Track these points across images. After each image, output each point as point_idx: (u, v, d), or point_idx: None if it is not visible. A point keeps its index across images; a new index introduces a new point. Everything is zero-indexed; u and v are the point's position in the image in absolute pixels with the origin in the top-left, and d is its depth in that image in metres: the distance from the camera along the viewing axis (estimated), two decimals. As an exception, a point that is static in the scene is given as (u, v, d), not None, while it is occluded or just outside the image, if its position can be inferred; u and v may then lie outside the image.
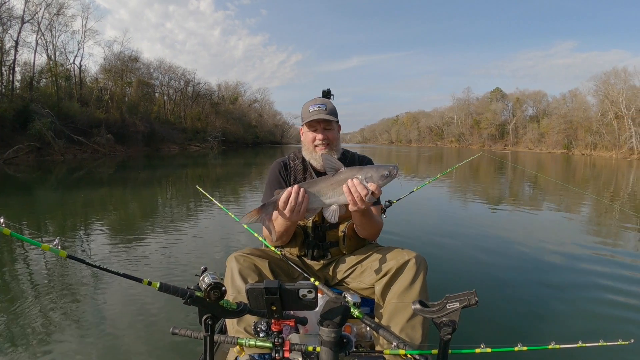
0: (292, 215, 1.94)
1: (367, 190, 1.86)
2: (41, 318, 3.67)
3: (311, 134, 2.40)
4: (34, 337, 3.30)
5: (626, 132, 57.22)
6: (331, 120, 2.38)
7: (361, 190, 1.86)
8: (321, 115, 2.34)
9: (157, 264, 5.32)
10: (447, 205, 11.70)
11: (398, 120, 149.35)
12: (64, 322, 3.59)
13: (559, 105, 78.17)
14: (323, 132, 2.38)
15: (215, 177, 19.31)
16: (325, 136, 2.37)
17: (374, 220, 2.31)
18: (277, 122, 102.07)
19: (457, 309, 1.54)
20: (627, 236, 7.86)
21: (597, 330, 3.74)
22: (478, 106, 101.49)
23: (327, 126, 2.39)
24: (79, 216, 8.93)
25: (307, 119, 2.37)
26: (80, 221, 8.33)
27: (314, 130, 2.40)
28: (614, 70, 62.24)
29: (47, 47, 40.13)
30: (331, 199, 1.96)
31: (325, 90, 2.56)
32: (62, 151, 31.13)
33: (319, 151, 2.38)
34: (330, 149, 2.39)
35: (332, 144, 2.40)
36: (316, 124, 2.38)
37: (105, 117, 40.78)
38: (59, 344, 3.22)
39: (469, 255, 6.12)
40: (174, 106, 62.34)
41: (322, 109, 2.36)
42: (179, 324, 2.10)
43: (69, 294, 4.22)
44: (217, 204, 4.23)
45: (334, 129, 2.43)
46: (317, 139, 2.38)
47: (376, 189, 1.87)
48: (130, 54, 50.64)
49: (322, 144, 2.38)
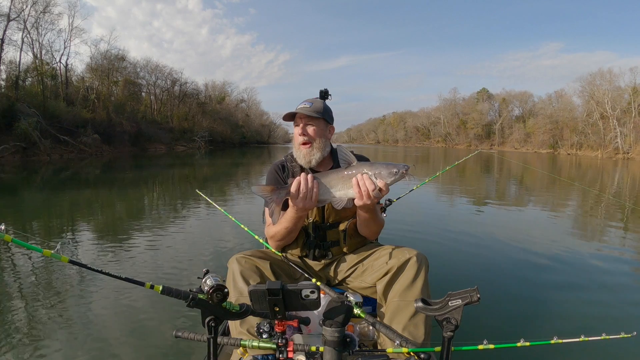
0: (305, 202, 1.97)
1: (375, 186, 1.89)
2: (41, 323, 3.64)
3: (296, 130, 2.41)
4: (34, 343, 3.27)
5: (611, 132, 57.86)
6: (312, 117, 2.36)
7: (369, 186, 1.89)
8: (299, 110, 2.35)
9: (158, 267, 5.29)
10: (447, 203, 11.80)
11: (385, 120, 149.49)
12: (66, 327, 3.57)
13: (545, 105, 78.81)
14: (303, 128, 2.37)
15: (203, 178, 19.30)
16: (303, 131, 2.36)
17: (378, 218, 2.31)
18: (264, 122, 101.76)
19: (460, 306, 1.54)
20: (627, 232, 7.97)
21: (599, 324, 3.76)
22: (464, 106, 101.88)
23: (308, 122, 2.37)
24: (71, 219, 8.84)
25: (290, 115, 2.39)
26: (74, 224, 8.24)
27: (296, 126, 2.40)
28: (599, 71, 63.01)
29: (33, 46, 39.72)
30: (340, 191, 1.97)
31: (322, 90, 2.55)
32: (48, 151, 30.85)
33: (302, 148, 2.38)
34: (310, 150, 2.37)
35: (312, 140, 2.37)
36: (298, 119, 2.38)
37: (91, 116, 40.36)
38: (60, 349, 3.19)
39: (470, 252, 6.15)
40: (160, 106, 61.90)
41: (307, 106, 2.36)
42: (182, 327, 2.09)
43: (70, 299, 4.17)
44: (218, 208, 4.23)
45: (318, 126, 2.38)
46: (297, 134, 2.39)
47: (384, 186, 1.90)
48: (117, 52, 50.25)
49: (303, 141, 2.37)
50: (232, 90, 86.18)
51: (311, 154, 2.37)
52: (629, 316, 3.95)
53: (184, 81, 65.43)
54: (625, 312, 4.04)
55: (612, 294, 4.52)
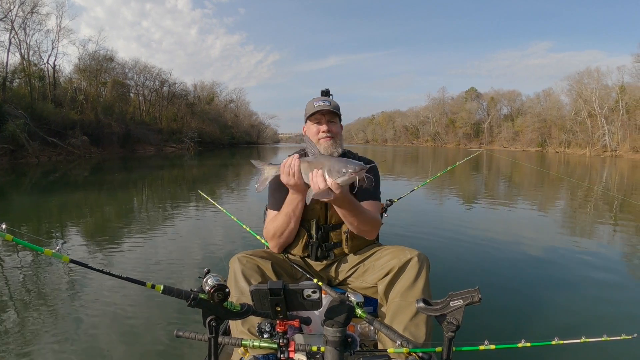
0: (289, 180, 2.00)
1: (325, 184, 1.79)
2: (41, 323, 3.63)
3: (315, 127, 2.41)
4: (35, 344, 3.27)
5: (599, 130, 58.38)
6: (335, 114, 2.42)
7: (320, 183, 1.79)
8: (326, 107, 2.37)
9: (159, 267, 5.29)
10: (448, 203, 11.85)
11: (374, 119, 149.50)
12: (66, 327, 3.57)
13: (533, 104, 79.30)
14: (328, 124, 2.39)
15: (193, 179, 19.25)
16: (329, 128, 2.39)
17: (362, 215, 2.21)
18: (253, 122, 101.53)
19: (461, 307, 1.55)
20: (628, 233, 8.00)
21: (600, 325, 3.78)
22: (453, 105, 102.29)
23: (331, 119, 2.41)
24: (67, 220, 8.82)
25: (311, 111, 2.40)
26: (70, 225, 8.22)
27: (317, 123, 2.41)
28: (587, 70, 63.50)
29: (21, 47, 39.24)
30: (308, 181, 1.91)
31: (324, 90, 2.59)
32: (36, 153, 30.51)
33: (323, 143, 2.38)
34: (334, 142, 2.40)
35: (335, 137, 2.41)
36: (320, 116, 2.40)
37: (79, 118, 40.02)
38: (60, 349, 3.19)
39: (471, 252, 6.16)
40: (149, 107, 61.50)
41: (327, 104, 2.40)
42: (183, 326, 2.08)
43: (70, 299, 4.18)
44: (220, 208, 4.24)
45: (337, 124, 2.45)
46: (321, 130, 2.39)
47: (333, 185, 1.77)
48: (105, 53, 49.76)
49: (326, 136, 2.38)
50: (221, 90, 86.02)
51: (333, 146, 2.39)
52: (630, 317, 3.95)
53: (172, 82, 65.15)
54: (626, 313, 4.05)
55: (614, 294, 4.54)
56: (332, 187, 1.77)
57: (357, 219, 2.19)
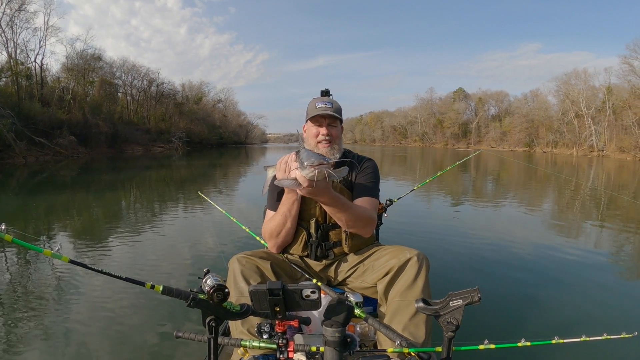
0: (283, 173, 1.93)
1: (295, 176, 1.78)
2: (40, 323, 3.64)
3: (315, 129, 2.41)
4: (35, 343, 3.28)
5: (586, 131, 59.11)
6: (336, 118, 2.40)
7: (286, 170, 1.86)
8: (327, 111, 2.36)
9: (158, 267, 5.28)
10: (448, 202, 11.89)
11: (362, 119, 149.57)
12: (65, 327, 3.56)
13: (521, 104, 79.93)
14: (328, 127, 2.39)
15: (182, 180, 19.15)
16: (329, 132, 2.38)
17: (351, 211, 2.16)
18: (242, 122, 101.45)
19: (460, 307, 1.55)
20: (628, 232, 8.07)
21: (600, 323, 3.77)
22: (441, 106, 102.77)
23: (331, 122, 2.40)
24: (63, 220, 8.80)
25: (312, 114, 2.39)
26: (66, 226, 8.20)
27: (318, 125, 2.40)
28: (574, 71, 64.37)
29: (8, 45, 38.67)
30: None
31: (324, 90, 2.58)
32: (23, 153, 30.17)
33: (322, 147, 2.38)
34: (332, 146, 2.40)
35: (334, 140, 2.41)
36: (321, 119, 2.39)
37: (67, 117, 39.61)
38: (60, 348, 3.19)
39: (471, 252, 6.17)
40: (137, 106, 61.17)
41: (329, 106, 2.39)
42: (183, 327, 2.07)
43: (70, 299, 4.16)
44: (219, 209, 4.25)
45: (338, 127, 2.44)
46: (321, 133, 2.39)
47: (300, 178, 1.76)
48: (93, 52, 49.41)
49: (325, 139, 2.38)
50: (210, 90, 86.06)
51: (331, 152, 2.38)
52: (630, 316, 3.98)
53: (160, 81, 64.92)
54: (626, 312, 4.08)
55: (614, 293, 4.57)
56: (300, 181, 1.77)
57: (345, 215, 2.14)
